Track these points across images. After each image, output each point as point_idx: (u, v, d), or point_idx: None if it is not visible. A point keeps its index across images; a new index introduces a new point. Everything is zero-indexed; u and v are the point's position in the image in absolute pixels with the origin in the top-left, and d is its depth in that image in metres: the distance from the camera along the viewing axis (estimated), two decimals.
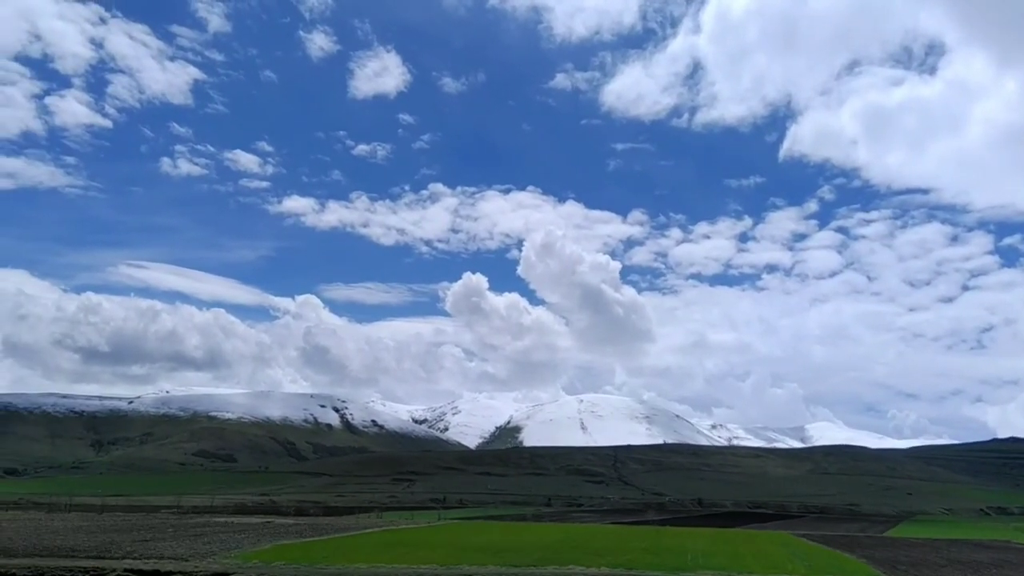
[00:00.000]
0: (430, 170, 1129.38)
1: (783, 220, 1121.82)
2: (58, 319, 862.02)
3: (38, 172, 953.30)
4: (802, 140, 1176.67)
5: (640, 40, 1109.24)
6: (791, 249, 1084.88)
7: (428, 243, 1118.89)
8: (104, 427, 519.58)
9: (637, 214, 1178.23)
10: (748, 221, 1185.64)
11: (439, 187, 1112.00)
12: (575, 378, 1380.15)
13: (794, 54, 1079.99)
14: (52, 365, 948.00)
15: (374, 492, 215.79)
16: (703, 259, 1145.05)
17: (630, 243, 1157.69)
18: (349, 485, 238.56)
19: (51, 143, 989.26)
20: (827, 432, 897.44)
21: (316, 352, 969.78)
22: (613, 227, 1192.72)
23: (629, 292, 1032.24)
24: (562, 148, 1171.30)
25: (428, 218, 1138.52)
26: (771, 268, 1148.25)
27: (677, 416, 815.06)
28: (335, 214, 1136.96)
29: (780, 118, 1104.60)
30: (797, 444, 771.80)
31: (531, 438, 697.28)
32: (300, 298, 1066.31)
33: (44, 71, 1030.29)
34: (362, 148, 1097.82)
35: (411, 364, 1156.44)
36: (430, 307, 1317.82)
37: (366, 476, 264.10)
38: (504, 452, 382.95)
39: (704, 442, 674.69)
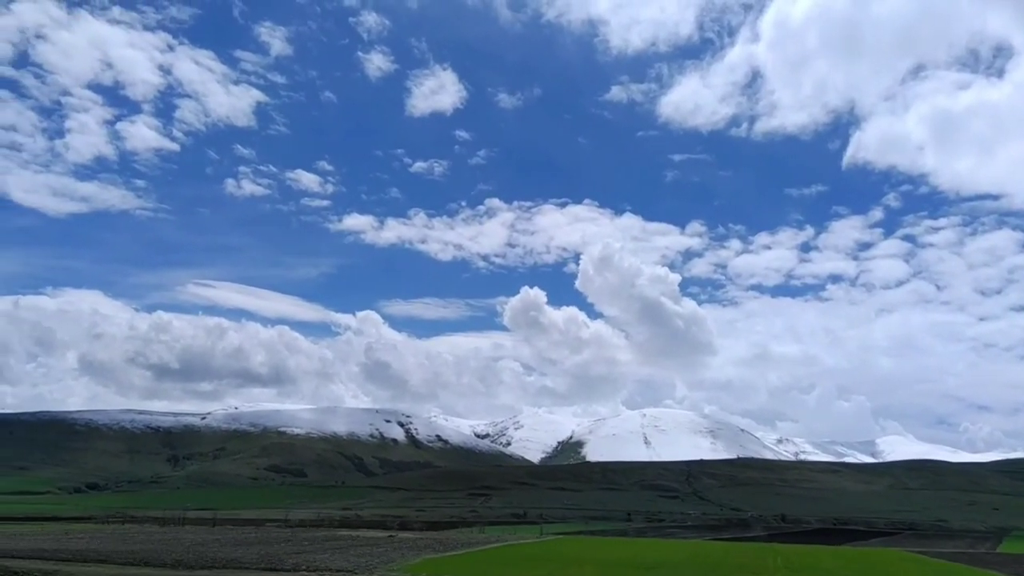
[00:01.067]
0: (486, 185, 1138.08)
1: (847, 229, 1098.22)
2: (131, 337, 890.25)
3: (110, 196, 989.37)
4: (866, 147, 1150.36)
5: (697, 50, 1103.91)
6: (856, 259, 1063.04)
7: (485, 258, 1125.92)
8: (179, 442, 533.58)
9: (695, 225, 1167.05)
10: (810, 231, 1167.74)
11: (495, 202, 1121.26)
12: (635, 392, 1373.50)
13: (857, 59, 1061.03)
14: (126, 382, 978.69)
15: (453, 507, 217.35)
16: (764, 270, 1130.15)
17: (689, 255, 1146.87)
18: (426, 500, 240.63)
19: (122, 167, 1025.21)
20: (899, 446, 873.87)
21: (377, 367, 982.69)
22: (671, 239, 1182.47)
23: (689, 304, 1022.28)
24: (618, 161, 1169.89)
25: (485, 233, 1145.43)
26: (835, 278, 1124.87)
27: (742, 430, 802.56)
28: (393, 231, 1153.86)
29: (843, 125, 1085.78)
30: (867, 459, 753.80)
31: (594, 453, 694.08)
32: (360, 314, 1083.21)
33: (115, 98, 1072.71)
34: (419, 165, 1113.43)
35: (470, 379, 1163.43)
36: (488, 322, 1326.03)
37: (441, 491, 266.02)
38: (575, 467, 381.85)
39: (771, 456, 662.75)
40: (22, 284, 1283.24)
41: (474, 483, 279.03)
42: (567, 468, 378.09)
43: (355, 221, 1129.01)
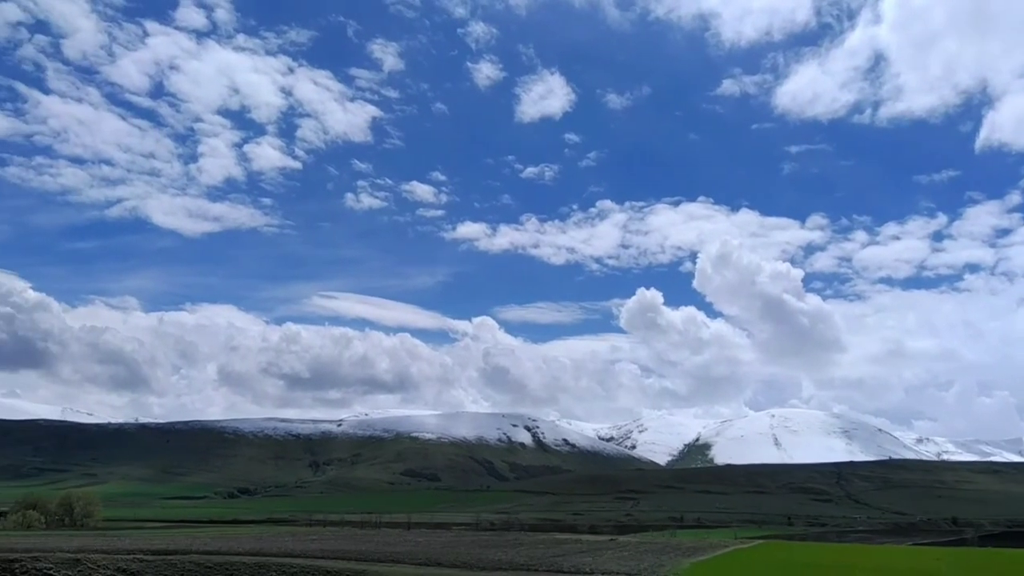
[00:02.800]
0: (598, 187, 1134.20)
1: (982, 215, 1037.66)
2: (264, 349, 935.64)
3: (240, 214, 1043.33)
4: (1001, 127, 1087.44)
5: (815, 37, 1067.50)
6: (993, 246, 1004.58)
7: (598, 260, 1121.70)
8: (318, 448, 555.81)
9: (817, 218, 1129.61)
10: (942, 218, 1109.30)
11: (607, 203, 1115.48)
12: (758, 392, 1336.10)
13: (988, 36, 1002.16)
14: (260, 391, 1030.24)
15: (605, 510, 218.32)
16: (893, 262, 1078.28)
17: (810, 249, 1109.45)
18: (575, 503, 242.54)
19: (250, 187, 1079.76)
20: None
21: (496, 372, 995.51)
22: (791, 233, 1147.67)
23: (813, 300, 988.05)
24: (733, 155, 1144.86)
25: (597, 235, 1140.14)
26: (972, 267, 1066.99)
27: (879, 430, 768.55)
28: (506, 237, 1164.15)
29: (975, 106, 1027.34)
30: (1015, 457, 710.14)
31: (722, 455, 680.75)
32: (476, 320, 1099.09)
33: (242, 121, 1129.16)
34: (530, 171, 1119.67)
35: (589, 382, 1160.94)
36: (604, 324, 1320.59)
37: (587, 494, 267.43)
38: (720, 469, 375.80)
39: (911, 456, 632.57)
40: (164, 301, 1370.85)
41: (619, 487, 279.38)
42: (711, 471, 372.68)
43: (468, 229, 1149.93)
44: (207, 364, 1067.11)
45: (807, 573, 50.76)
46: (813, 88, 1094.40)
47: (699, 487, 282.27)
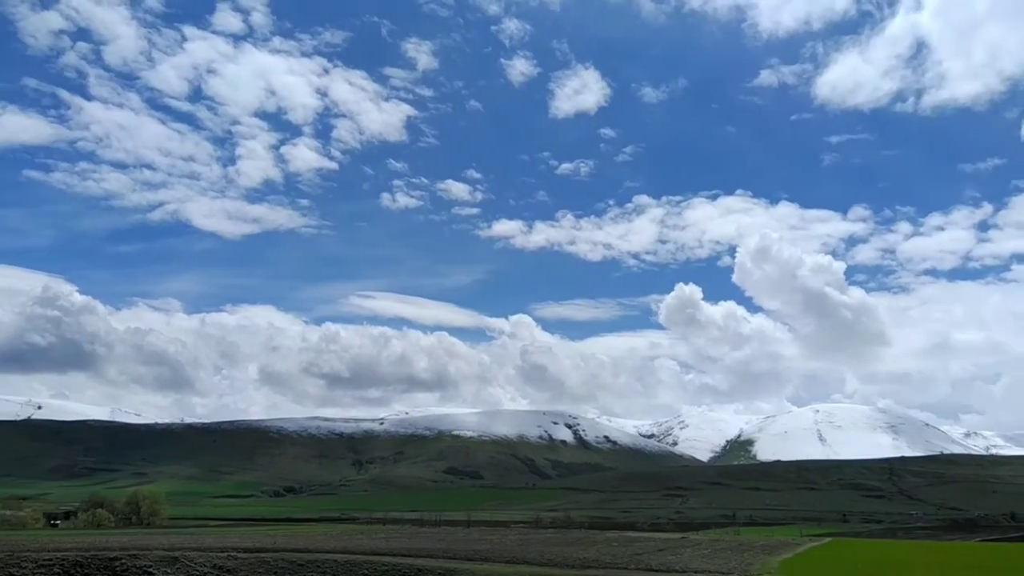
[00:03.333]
0: (634, 182, 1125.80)
1: None
2: (304, 349, 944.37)
3: (278, 216, 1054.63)
4: None
5: (855, 25, 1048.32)
6: None
7: (635, 256, 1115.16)
8: (361, 447, 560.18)
9: (858, 210, 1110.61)
10: (988, 208, 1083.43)
11: (644, 199, 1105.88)
12: (800, 387, 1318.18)
13: None
14: (301, 390, 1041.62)
15: (654, 507, 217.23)
16: (938, 253, 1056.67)
17: (852, 241, 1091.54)
18: (624, 501, 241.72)
19: (287, 188, 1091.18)
20: None
21: (534, 370, 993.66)
22: (832, 225, 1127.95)
23: (856, 293, 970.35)
24: (771, 147, 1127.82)
25: (634, 231, 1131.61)
26: (1020, 257, 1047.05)
27: (927, 424, 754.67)
28: (542, 234, 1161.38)
29: (1020, 92, 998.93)
30: None
31: (765, 451, 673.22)
32: (513, 318, 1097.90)
33: (279, 123, 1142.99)
34: (565, 167, 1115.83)
35: (627, 379, 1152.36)
36: (641, 320, 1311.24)
37: (633, 491, 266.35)
38: (768, 465, 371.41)
39: (959, 451, 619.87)
40: (205, 303, 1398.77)
41: (665, 484, 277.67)
42: (757, 467, 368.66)
43: (504, 227, 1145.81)
44: (248, 364, 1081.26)
45: (903, 572, 50.02)
46: (854, 77, 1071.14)
47: (746, 484, 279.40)
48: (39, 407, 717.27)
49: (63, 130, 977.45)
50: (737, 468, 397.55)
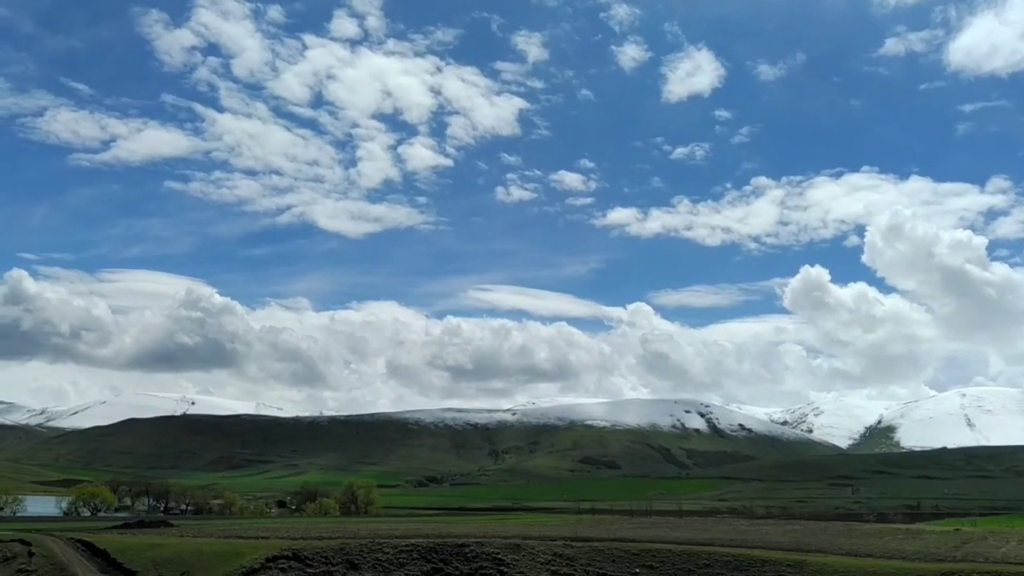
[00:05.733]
0: (752, 164, 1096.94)
1: None
2: (428, 343, 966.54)
3: (398, 214, 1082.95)
4: None
5: None
6: None
7: (756, 239, 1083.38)
8: (495, 438, 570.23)
9: (997, 181, 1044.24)
10: None
11: (763, 180, 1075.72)
12: (940, 371, 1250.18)
13: None
14: (426, 383, 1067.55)
15: (827, 497, 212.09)
16: None
17: (992, 214, 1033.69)
18: (786, 490, 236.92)
19: (406, 187, 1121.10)
20: None
21: (655, 359, 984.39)
22: (969, 199, 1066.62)
23: (1000, 269, 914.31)
24: (899, 120, 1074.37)
25: (754, 213, 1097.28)
26: None
27: None
28: (658, 220, 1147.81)
29: None
30: None
31: (908, 437, 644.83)
32: (631, 307, 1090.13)
33: (396, 123, 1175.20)
34: (680, 151, 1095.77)
35: (752, 365, 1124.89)
36: (764, 305, 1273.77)
37: (797, 481, 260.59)
38: (934, 453, 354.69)
39: None
40: (332, 300, 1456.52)
41: (826, 472, 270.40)
42: (925, 455, 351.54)
43: (619, 215, 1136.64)
44: (376, 359, 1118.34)
45: None
46: (990, 40, 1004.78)
47: (917, 472, 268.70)
48: (192, 403, 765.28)
49: (198, 142, 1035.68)
50: (901, 456, 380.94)
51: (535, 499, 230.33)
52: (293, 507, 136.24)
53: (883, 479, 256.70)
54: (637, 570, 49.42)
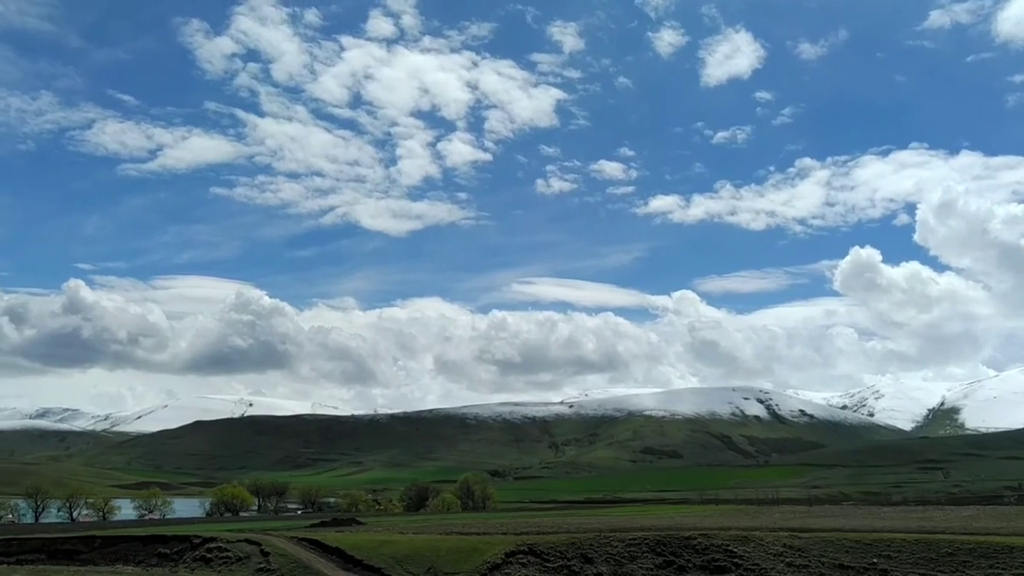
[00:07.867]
0: (795, 145, 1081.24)
1: None
2: (474, 337, 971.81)
3: (439, 211, 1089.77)
4: None
5: None
6: None
7: (802, 222, 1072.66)
8: (554, 430, 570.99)
9: None
10: None
11: (807, 161, 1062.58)
12: (998, 349, 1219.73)
13: None
14: (475, 377, 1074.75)
15: (918, 481, 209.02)
16: None
17: None
18: (873, 476, 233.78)
19: (446, 183, 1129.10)
20: None
21: (703, 346, 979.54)
22: (1022, 172, 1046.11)
23: None
24: (946, 93, 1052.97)
25: (799, 196, 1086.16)
26: None
27: None
28: (700, 207, 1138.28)
29: None
30: None
31: (974, 419, 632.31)
32: (676, 295, 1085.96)
33: (434, 120, 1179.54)
34: (721, 135, 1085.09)
35: (803, 350, 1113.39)
36: (814, 289, 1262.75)
37: (882, 465, 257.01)
38: (1017, 433, 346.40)
39: None
40: (378, 299, 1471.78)
41: (914, 457, 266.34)
42: (1009, 435, 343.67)
43: (661, 203, 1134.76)
44: (424, 355, 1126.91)
45: None
46: None
47: (1004, 454, 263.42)
48: (250, 404, 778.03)
49: (241, 147, 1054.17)
50: (984, 437, 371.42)
51: (616, 490, 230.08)
52: (404, 503, 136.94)
53: (971, 461, 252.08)
54: (875, 560, 48.98)
